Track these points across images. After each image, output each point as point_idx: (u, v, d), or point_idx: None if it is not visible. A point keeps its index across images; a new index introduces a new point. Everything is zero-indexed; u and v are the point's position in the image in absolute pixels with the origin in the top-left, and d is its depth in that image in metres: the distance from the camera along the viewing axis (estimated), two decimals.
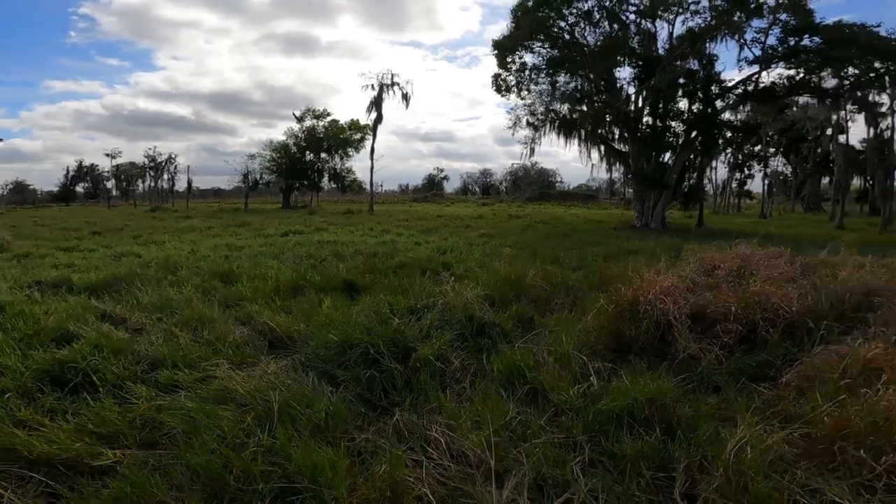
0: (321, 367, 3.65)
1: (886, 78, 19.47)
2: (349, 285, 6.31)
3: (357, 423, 2.94)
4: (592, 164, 23.46)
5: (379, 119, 33.14)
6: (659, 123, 21.26)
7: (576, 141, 23.15)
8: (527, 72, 23.08)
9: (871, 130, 26.74)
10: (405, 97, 32.67)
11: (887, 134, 26.35)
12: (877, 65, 19.09)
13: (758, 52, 19.90)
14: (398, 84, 32.53)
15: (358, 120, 41.37)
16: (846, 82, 20.23)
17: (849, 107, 26.55)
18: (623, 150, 22.33)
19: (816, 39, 19.08)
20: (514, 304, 5.12)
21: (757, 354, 3.66)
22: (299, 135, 41.25)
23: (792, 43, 19.46)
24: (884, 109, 25.36)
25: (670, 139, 21.26)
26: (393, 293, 5.46)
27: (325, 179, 43.17)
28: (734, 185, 44.39)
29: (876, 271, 4.76)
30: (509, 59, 23.03)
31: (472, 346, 4.07)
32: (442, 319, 4.38)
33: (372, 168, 34.06)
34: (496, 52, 23.11)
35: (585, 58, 20.94)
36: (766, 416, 2.78)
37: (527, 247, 11.33)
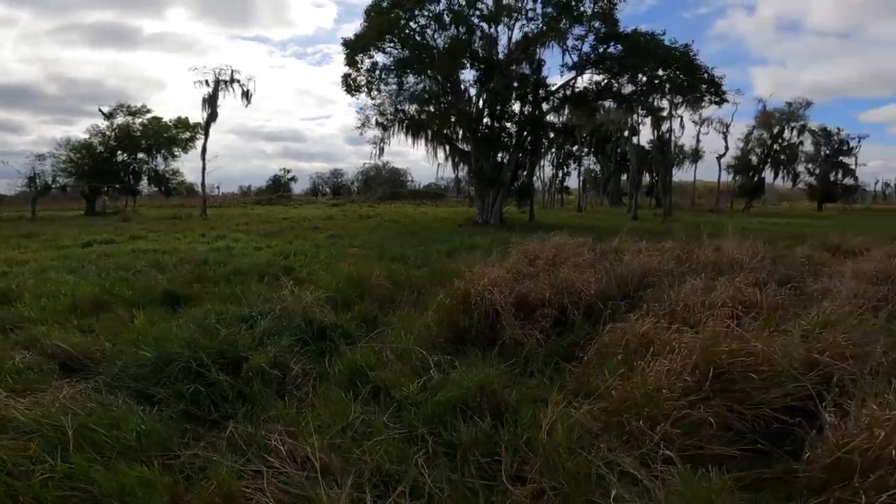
0: (133, 386, 3.28)
1: (667, 85, 23.42)
2: (170, 297, 5.63)
3: (182, 440, 2.74)
4: (439, 164, 24.56)
5: (213, 117, 30.08)
6: (496, 124, 22.95)
7: (423, 141, 23.99)
8: (377, 72, 23.09)
9: (656, 132, 32.11)
10: (246, 94, 30.32)
11: (667, 135, 32.55)
12: (660, 72, 22.02)
13: (576, 59, 22.14)
14: (238, 81, 30.12)
15: (187, 118, 36.92)
16: (638, 88, 23.47)
17: (640, 110, 30.32)
18: (466, 149, 23.64)
19: (619, 47, 21.65)
20: (358, 305, 5.12)
21: (567, 336, 4.18)
22: (108, 133, 35.32)
23: (601, 50, 21.95)
24: (665, 114, 30.99)
25: (505, 139, 23.06)
26: (223, 302, 5.04)
27: (144, 182, 37.78)
28: (557, 182, 50.33)
29: (652, 255, 5.88)
30: (359, 59, 22.81)
31: (313, 350, 3.98)
32: (279, 325, 4.21)
33: (204, 169, 30.76)
34: (347, 51, 22.76)
35: (433, 59, 21.65)
36: (573, 394, 3.08)
37: (375, 246, 11.38)
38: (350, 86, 23.65)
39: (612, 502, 2.13)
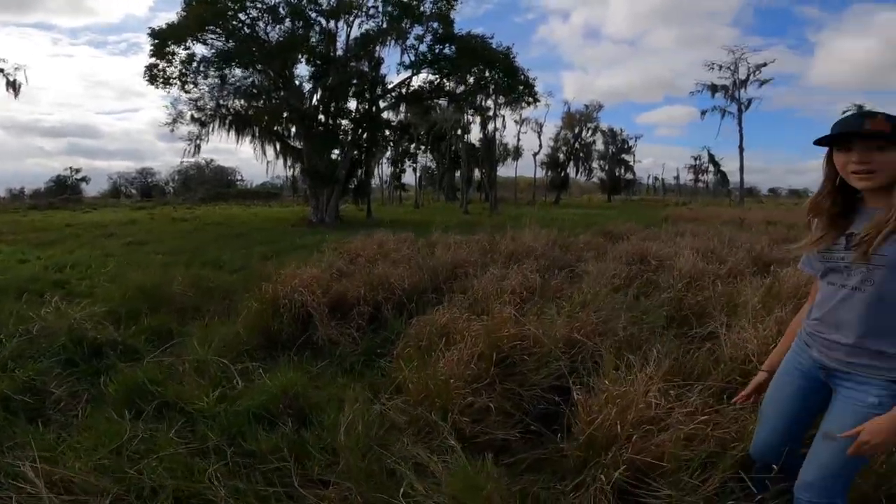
0: None
1: (491, 86, 25.30)
2: None
3: None
4: (268, 162, 22.97)
5: None
6: (331, 121, 22.31)
7: (249, 138, 22.14)
8: (195, 64, 20.58)
9: (483, 131, 34.78)
10: (13, 85, 24.77)
11: (493, 134, 35.41)
12: (486, 73, 23.49)
13: (413, 58, 22.47)
14: (2, 70, 24.42)
15: None
16: (468, 88, 24.68)
17: (469, 110, 31.97)
18: (299, 146, 22.57)
19: (453, 48, 22.49)
20: (148, 317, 4.51)
21: (381, 333, 4.27)
22: None
23: (437, 50, 22.60)
24: (490, 113, 33.52)
25: (341, 136, 22.59)
26: None
27: None
28: (395, 179, 51.28)
29: (462, 248, 6.37)
30: (169, 49, 20.05)
31: (85, 371, 3.48)
32: (35, 348, 3.59)
33: None
34: (156, 41, 19.83)
35: (265, 53, 20.14)
36: (380, 389, 3.12)
37: (187, 252, 10.16)
38: (156, 77, 20.60)
39: (401, 498, 2.14)
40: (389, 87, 23.71)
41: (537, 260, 5.50)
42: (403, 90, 23.78)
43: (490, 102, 30.35)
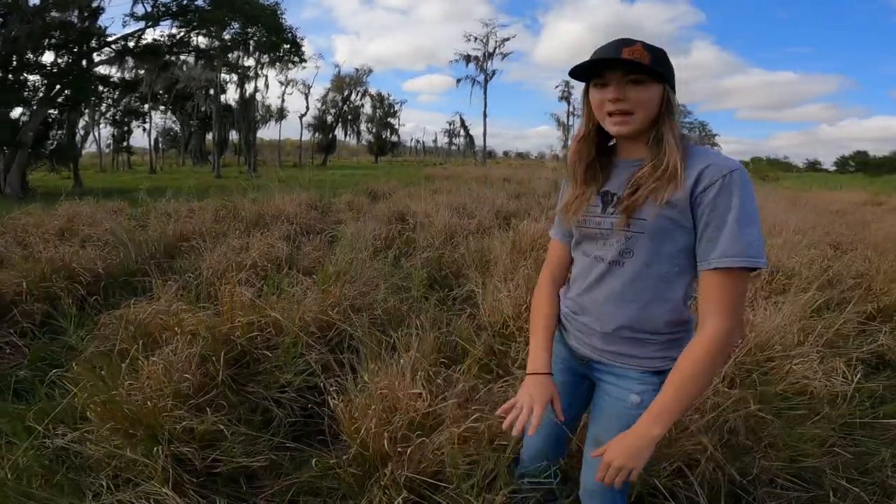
0: None
1: (251, 42, 22.32)
2: None
3: None
4: None
5: None
6: (11, 77, 16.52)
7: None
8: None
9: (240, 91, 31.13)
10: None
11: (254, 94, 31.81)
12: (249, 30, 21.15)
13: (149, 8, 18.67)
14: None
15: None
16: (224, 43, 21.79)
17: (225, 68, 28.49)
18: None
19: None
20: None
21: (61, 337, 3.02)
22: None
23: (185, 1, 19.05)
24: (251, 73, 29.98)
25: (27, 94, 17.11)
26: None
27: None
28: (118, 142, 41.97)
29: (198, 216, 5.15)
30: None
31: None
32: None
33: None
34: None
35: None
36: (63, 415, 2.13)
37: None
38: None
39: None
40: (110, 39, 19.01)
41: (289, 224, 4.75)
42: (132, 44, 19.55)
43: (252, 61, 27.34)
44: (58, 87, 17.66)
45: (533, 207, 7.33)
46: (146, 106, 37.58)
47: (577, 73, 1.13)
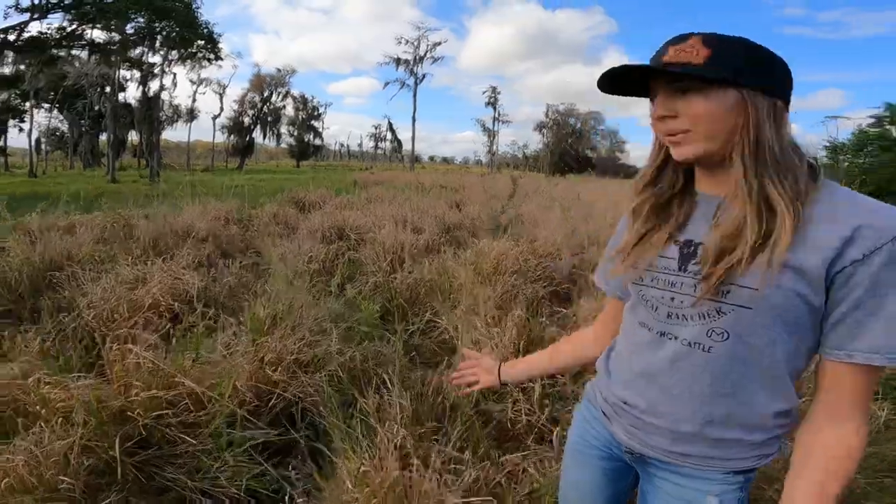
0: None
1: (158, 38, 20.21)
2: None
3: None
4: None
5: None
6: None
7: None
8: None
9: (143, 89, 28.21)
10: None
11: (159, 93, 28.92)
12: (157, 24, 19.16)
13: (35, 1, 16.42)
14: None
15: None
16: (128, 38, 19.64)
17: (125, 64, 26.10)
18: None
19: None
20: None
21: None
22: None
23: None
24: (157, 70, 27.24)
25: None
26: None
27: None
28: None
29: (84, 233, 4.09)
30: None
31: None
32: None
33: None
34: None
35: None
36: None
37: None
38: None
39: None
40: None
41: (202, 246, 3.90)
42: (12, 37, 17.15)
43: (158, 58, 24.97)
44: None
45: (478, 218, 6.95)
46: (27, 104, 33.53)
47: (620, 84, 0.80)
